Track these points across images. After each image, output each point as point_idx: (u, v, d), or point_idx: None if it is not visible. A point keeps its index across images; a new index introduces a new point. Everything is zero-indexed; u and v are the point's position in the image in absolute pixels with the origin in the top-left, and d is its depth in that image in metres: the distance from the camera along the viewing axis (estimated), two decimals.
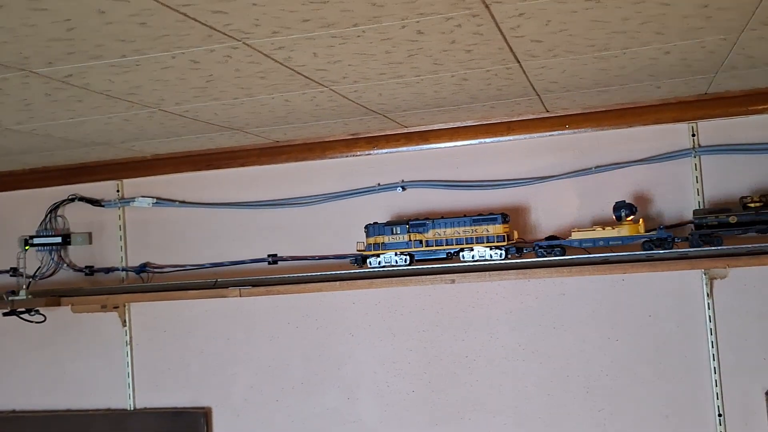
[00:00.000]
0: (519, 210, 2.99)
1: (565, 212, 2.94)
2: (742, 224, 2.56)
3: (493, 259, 2.82)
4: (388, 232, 2.98)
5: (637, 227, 2.70)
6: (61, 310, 3.43)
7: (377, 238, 2.99)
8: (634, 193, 2.86)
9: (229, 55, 1.80)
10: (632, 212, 2.71)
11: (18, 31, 1.49)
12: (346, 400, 3.21)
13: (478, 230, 2.86)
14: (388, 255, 2.96)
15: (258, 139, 3.10)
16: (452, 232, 2.91)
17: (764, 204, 2.56)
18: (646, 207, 2.83)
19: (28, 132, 2.57)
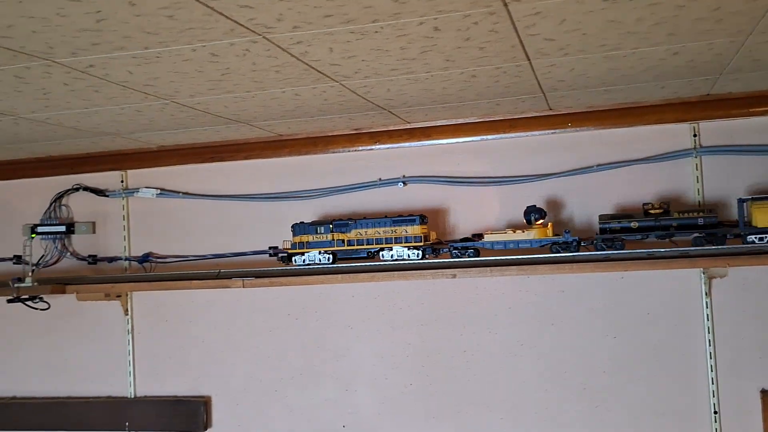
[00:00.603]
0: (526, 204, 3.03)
1: (570, 209, 3.00)
2: (642, 229, 2.69)
3: (410, 259, 2.93)
4: (313, 231, 3.09)
5: (545, 231, 2.83)
6: (64, 298, 3.46)
7: (302, 237, 3.10)
8: (631, 193, 2.92)
9: (248, 49, 1.84)
10: (542, 216, 2.84)
11: (50, 21, 1.52)
12: (344, 392, 3.25)
13: (397, 231, 2.98)
14: (312, 253, 3.07)
15: (263, 133, 3.14)
16: (373, 232, 3.02)
17: (664, 211, 2.69)
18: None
19: (41, 121, 2.60)
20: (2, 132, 2.78)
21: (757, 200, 2.60)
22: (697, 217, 2.65)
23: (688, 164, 2.87)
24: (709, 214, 2.65)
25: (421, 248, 2.93)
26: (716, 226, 2.64)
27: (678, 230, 2.66)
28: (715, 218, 2.64)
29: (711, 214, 2.64)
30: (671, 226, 2.67)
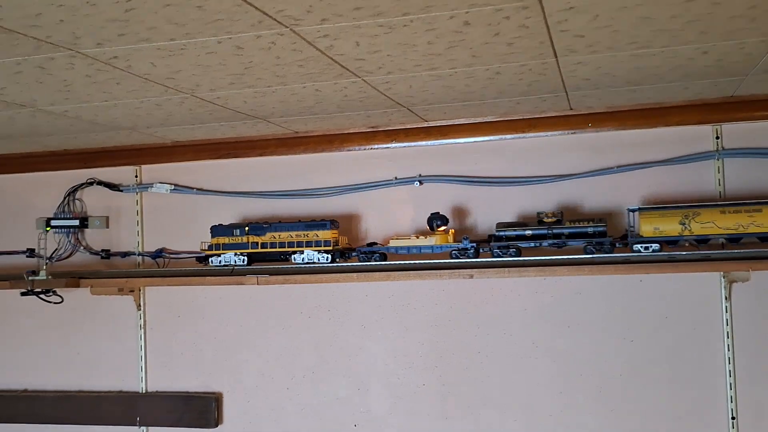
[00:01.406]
0: (545, 204, 3.01)
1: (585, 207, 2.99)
2: (536, 237, 2.81)
3: (320, 263, 3.02)
4: (229, 233, 3.18)
5: (446, 237, 2.93)
6: (77, 292, 3.45)
7: (219, 239, 3.19)
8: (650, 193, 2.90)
9: (274, 42, 1.83)
10: (444, 223, 2.93)
11: (79, 11, 1.51)
12: (356, 391, 3.23)
13: (309, 235, 3.07)
14: (228, 255, 3.15)
15: (279, 129, 3.13)
16: (286, 235, 3.11)
17: (558, 220, 2.80)
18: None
19: (60, 113, 2.59)
20: (19, 124, 2.77)
21: (645, 210, 2.70)
22: (587, 226, 2.76)
23: (710, 166, 2.85)
24: (599, 223, 2.75)
25: (331, 252, 3.01)
26: (605, 234, 2.74)
27: (569, 238, 2.78)
28: (603, 227, 2.74)
29: (600, 224, 2.75)
30: (563, 234, 2.78)
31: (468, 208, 3.10)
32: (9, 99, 2.34)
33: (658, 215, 2.68)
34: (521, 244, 2.82)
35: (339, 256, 3.05)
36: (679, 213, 2.67)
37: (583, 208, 2.97)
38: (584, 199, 2.96)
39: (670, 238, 2.67)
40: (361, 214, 3.25)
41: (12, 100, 2.35)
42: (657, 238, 2.68)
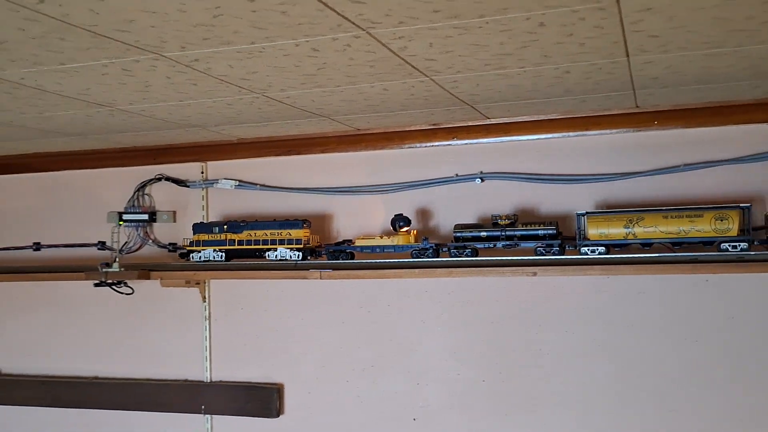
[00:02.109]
0: (607, 202, 3.01)
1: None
2: (491, 239, 2.96)
3: (291, 260, 3.19)
4: (209, 230, 3.36)
5: (408, 237, 3.09)
6: (145, 284, 3.57)
7: (200, 236, 3.37)
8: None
9: (349, 44, 1.88)
10: (407, 224, 3.09)
11: (169, 16, 1.58)
12: (415, 385, 3.28)
13: (282, 233, 3.24)
14: (207, 251, 3.34)
15: (341, 127, 3.18)
16: (262, 233, 3.28)
17: (511, 223, 2.94)
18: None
19: (136, 113, 2.69)
20: (96, 122, 2.88)
21: (591, 215, 2.82)
22: (538, 228, 2.90)
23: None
24: (549, 226, 2.88)
25: (302, 250, 3.18)
26: (555, 237, 2.87)
27: (522, 240, 2.91)
28: (554, 230, 2.88)
29: (550, 227, 2.88)
30: (516, 236, 2.92)
31: (531, 206, 3.11)
32: (91, 99, 2.44)
33: (604, 219, 2.79)
34: (477, 244, 2.97)
35: (309, 254, 3.21)
36: (624, 217, 2.77)
37: (650, 207, 2.96)
38: (650, 196, 2.94)
39: (615, 241, 2.77)
40: (430, 210, 3.28)
41: (93, 100, 2.45)
42: (603, 241, 2.78)
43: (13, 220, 3.93)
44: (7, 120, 2.75)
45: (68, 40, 1.73)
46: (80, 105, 2.52)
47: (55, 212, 3.89)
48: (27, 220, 3.91)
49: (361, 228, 3.36)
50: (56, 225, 3.86)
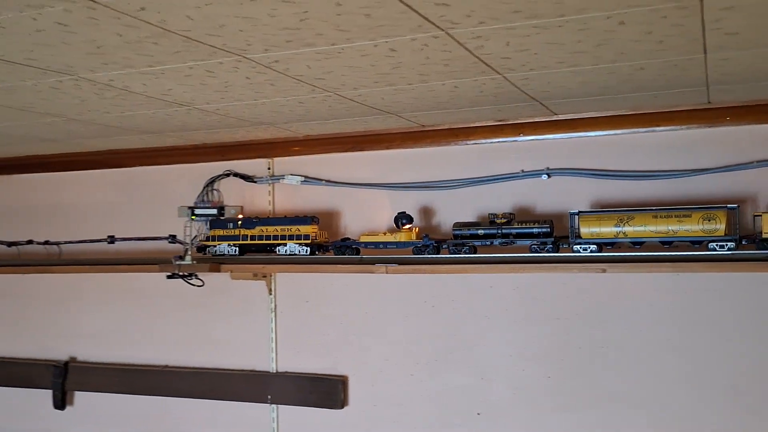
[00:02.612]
0: (678, 200, 2.98)
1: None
2: (488, 236, 3.05)
3: (300, 254, 3.37)
4: (224, 226, 3.57)
5: (410, 234, 3.22)
6: (214, 276, 3.67)
7: (216, 231, 3.58)
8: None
9: (427, 44, 1.91)
10: (410, 222, 3.24)
11: (259, 21, 1.64)
12: (479, 380, 3.31)
13: (291, 229, 3.40)
14: (222, 245, 3.53)
15: (407, 123, 3.22)
16: (273, 229, 3.46)
17: (508, 221, 3.04)
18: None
19: (211, 111, 2.78)
20: (173, 121, 2.98)
21: (584, 214, 2.91)
22: (533, 227, 2.99)
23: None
24: (543, 224, 2.97)
25: (310, 245, 3.34)
26: (549, 235, 2.96)
27: (517, 238, 3.01)
28: (548, 228, 2.97)
29: (545, 225, 2.97)
30: (511, 234, 3.02)
31: (600, 202, 3.10)
32: (171, 99, 2.53)
33: (596, 219, 2.88)
34: (475, 242, 3.07)
35: (317, 249, 3.38)
36: (615, 217, 2.85)
37: (720, 203, 2.92)
38: (720, 194, 2.91)
39: (606, 240, 2.86)
40: (494, 206, 3.29)
41: (174, 100, 2.55)
42: (594, 239, 2.87)
43: (89, 214, 4.09)
44: (90, 119, 2.88)
45: (161, 44, 1.82)
46: (161, 104, 2.62)
47: (128, 207, 4.03)
48: (102, 214, 4.06)
49: (427, 222, 3.40)
50: (129, 219, 4.00)
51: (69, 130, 3.12)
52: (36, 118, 2.81)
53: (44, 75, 2.12)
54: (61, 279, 4.11)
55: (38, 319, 4.21)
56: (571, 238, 2.92)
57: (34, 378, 4.12)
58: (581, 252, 2.88)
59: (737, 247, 2.67)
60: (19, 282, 4.21)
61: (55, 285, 4.16)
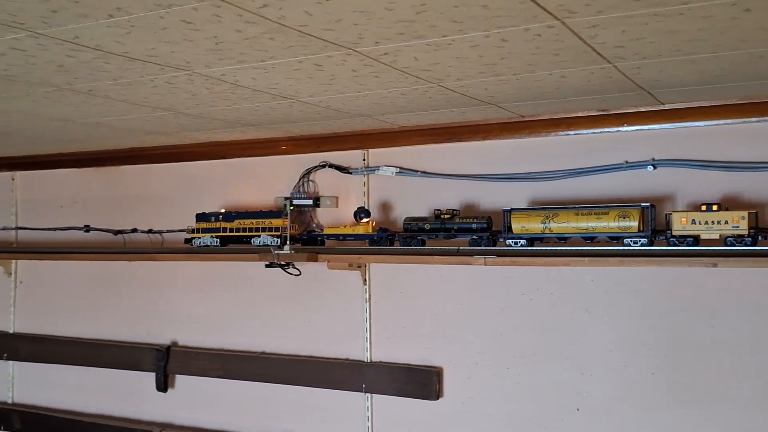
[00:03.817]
0: None
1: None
2: (433, 230, 3.31)
3: (271, 245, 3.61)
4: (208, 219, 3.84)
5: (367, 227, 3.51)
6: (310, 266, 3.73)
7: (200, 224, 3.87)
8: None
9: (540, 34, 1.88)
10: (367, 216, 3.56)
11: (375, 14, 1.66)
12: (579, 375, 3.24)
13: (265, 222, 3.68)
14: (206, 237, 3.83)
15: (506, 114, 3.18)
16: (249, 222, 3.73)
17: (451, 216, 3.29)
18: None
19: (313, 104, 2.82)
20: (275, 113, 3.04)
21: (515, 211, 3.12)
22: (472, 222, 3.24)
23: None
24: (481, 220, 3.22)
25: (280, 237, 3.62)
26: (486, 230, 3.21)
27: (458, 232, 3.26)
28: (485, 223, 3.22)
29: (482, 221, 3.22)
30: (453, 228, 3.26)
31: (709, 195, 2.98)
32: (277, 92, 2.58)
33: (525, 215, 3.09)
34: (423, 236, 3.33)
35: (287, 241, 3.62)
36: (542, 214, 3.06)
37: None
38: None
39: (534, 235, 3.07)
40: (595, 200, 3.22)
41: (279, 93, 2.60)
42: (524, 234, 3.08)
43: (190, 203, 4.22)
44: (198, 112, 2.97)
45: (276, 39, 1.85)
46: (266, 98, 2.68)
47: (227, 196, 4.13)
48: (203, 204, 4.19)
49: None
50: (227, 208, 4.11)
51: (177, 123, 3.23)
52: (148, 112, 2.92)
53: (162, 71, 2.20)
54: (164, 266, 4.27)
55: (143, 304, 4.39)
56: (504, 233, 3.13)
57: (139, 361, 4.30)
58: (512, 246, 3.10)
59: (650, 243, 2.86)
60: (126, 269, 4.40)
61: (158, 272, 4.32)
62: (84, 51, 1.92)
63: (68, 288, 4.63)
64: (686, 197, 3.02)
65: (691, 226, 2.79)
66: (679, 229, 2.81)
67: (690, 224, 2.79)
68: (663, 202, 3.05)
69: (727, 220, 2.72)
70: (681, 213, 2.83)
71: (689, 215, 2.80)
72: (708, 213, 2.76)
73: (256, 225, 3.72)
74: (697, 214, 2.79)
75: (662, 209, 2.99)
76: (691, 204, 3.00)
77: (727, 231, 2.71)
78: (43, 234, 4.72)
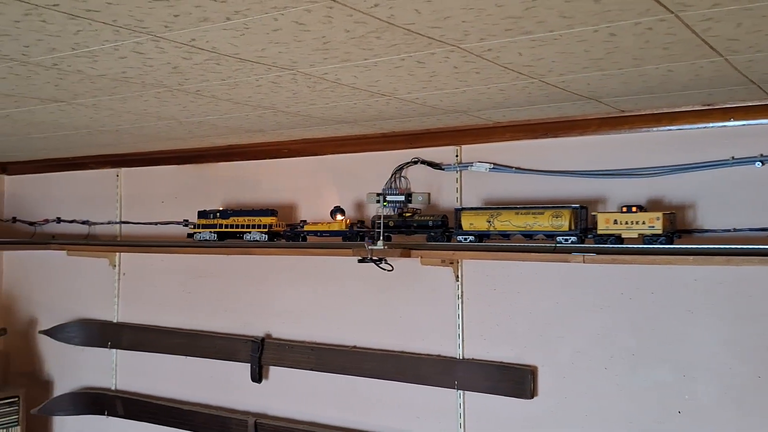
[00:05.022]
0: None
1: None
2: (396, 227, 3.66)
3: (261, 240, 4.01)
4: (207, 216, 4.24)
5: (341, 224, 3.81)
6: (403, 261, 3.75)
7: (201, 220, 4.27)
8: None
9: (651, 28, 1.84)
10: (342, 213, 3.86)
11: (485, 11, 1.65)
12: (680, 377, 3.15)
13: (255, 220, 4.04)
14: (205, 233, 4.21)
15: (606, 109, 3.11)
16: (241, 219, 4.09)
17: (412, 214, 3.66)
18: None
19: (410, 101, 2.84)
20: (371, 111, 3.08)
21: (465, 210, 3.44)
22: (429, 219, 3.57)
23: None
24: (437, 218, 3.55)
25: (268, 233, 3.99)
26: (441, 227, 3.53)
27: (417, 229, 3.60)
28: (440, 221, 3.54)
29: (438, 219, 3.55)
30: (412, 225, 3.60)
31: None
32: (376, 90, 2.61)
33: (473, 214, 3.39)
34: (388, 231, 3.65)
35: (274, 236, 4.00)
36: (487, 213, 3.35)
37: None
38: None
39: (481, 231, 3.36)
40: (694, 201, 3.12)
41: (378, 90, 2.63)
42: (472, 231, 3.38)
43: (284, 199, 4.33)
44: (296, 110, 3.04)
45: (383, 38, 1.88)
46: (364, 95, 2.71)
47: (319, 192, 4.21)
48: (295, 200, 4.29)
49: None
50: (319, 204, 4.18)
51: (275, 121, 3.31)
52: (249, 110, 3.01)
53: (268, 71, 2.26)
54: (258, 260, 4.39)
55: (238, 297, 4.53)
56: (456, 230, 3.43)
57: (235, 352, 4.44)
58: (462, 242, 3.39)
59: (580, 240, 3.13)
60: (222, 262, 4.55)
61: (253, 266, 4.45)
62: (199, 53, 2.00)
63: (168, 280, 4.82)
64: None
65: (614, 225, 3.05)
66: (603, 228, 3.07)
67: (612, 224, 3.05)
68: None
69: (644, 220, 2.97)
70: (605, 214, 3.10)
71: (612, 216, 3.07)
72: (628, 214, 3.03)
73: (247, 222, 4.06)
74: (618, 215, 3.05)
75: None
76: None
77: (645, 230, 2.97)
78: (144, 228, 4.93)
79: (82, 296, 5.22)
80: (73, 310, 5.25)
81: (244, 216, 4.10)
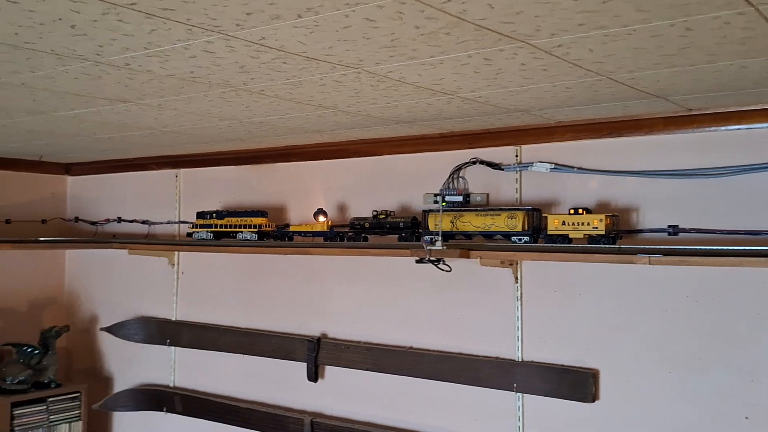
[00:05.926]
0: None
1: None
2: (371, 228, 3.85)
3: (251, 239, 4.25)
4: (204, 216, 4.50)
5: (323, 225, 4.05)
6: (461, 262, 3.73)
7: (198, 220, 4.53)
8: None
9: (729, 22, 1.78)
10: (324, 216, 4.08)
11: (558, 5, 1.62)
12: (749, 383, 3.04)
13: (247, 220, 4.28)
14: (202, 232, 4.47)
15: (673, 107, 3.04)
16: (235, 220, 4.33)
17: (386, 216, 3.83)
18: None
19: (472, 99, 2.81)
20: (431, 110, 3.06)
21: (430, 211, 3.66)
22: (400, 220, 3.77)
23: None
24: (407, 220, 3.75)
25: (258, 233, 4.23)
26: (410, 228, 3.72)
27: (389, 230, 3.79)
28: (410, 222, 3.73)
29: (408, 220, 3.74)
30: (386, 226, 3.79)
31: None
32: (439, 88, 2.60)
33: (438, 216, 3.56)
34: (365, 232, 3.87)
35: (264, 236, 4.24)
36: (450, 214, 3.56)
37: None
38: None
39: (445, 231, 3.53)
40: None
41: (441, 89, 2.61)
42: (437, 231, 3.52)
43: (340, 200, 4.34)
44: (357, 110, 3.04)
45: (452, 34, 1.86)
46: (427, 94, 2.70)
47: (374, 193, 4.20)
48: (350, 201, 4.29)
49: (686, 215, 3.19)
50: (375, 205, 4.18)
51: (335, 121, 3.32)
52: (310, 110, 3.03)
53: (333, 69, 2.27)
54: (315, 260, 4.41)
55: (294, 296, 4.56)
56: (423, 230, 3.61)
57: (291, 351, 4.47)
58: (426, 242, 3.49)
59: (533, 240, 3.34)
60: (279, 262, 4.58)
61: (309, 266, 4.47)
62: (267, 52, 2.02)
63: (225, 279, 4.89)
64: None
65: (562, 226, 3.24)
66: (552, 229, 3.26)
67: (561, 225, 3.24)
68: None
69: (589, 222, 3.16)
70: (554, 215, 3.29)
71: (560, 217, 3.26)
72: (574, 216, 3.22)
73: (240, 222, 4.29)
74: (566, 217, 3.24)
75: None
76: None
77: (589, 231, 3.17)
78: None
79: (141, 294, 5.33)
80: (133, 308, 5.36)
81: (237, 217, 4.34)
